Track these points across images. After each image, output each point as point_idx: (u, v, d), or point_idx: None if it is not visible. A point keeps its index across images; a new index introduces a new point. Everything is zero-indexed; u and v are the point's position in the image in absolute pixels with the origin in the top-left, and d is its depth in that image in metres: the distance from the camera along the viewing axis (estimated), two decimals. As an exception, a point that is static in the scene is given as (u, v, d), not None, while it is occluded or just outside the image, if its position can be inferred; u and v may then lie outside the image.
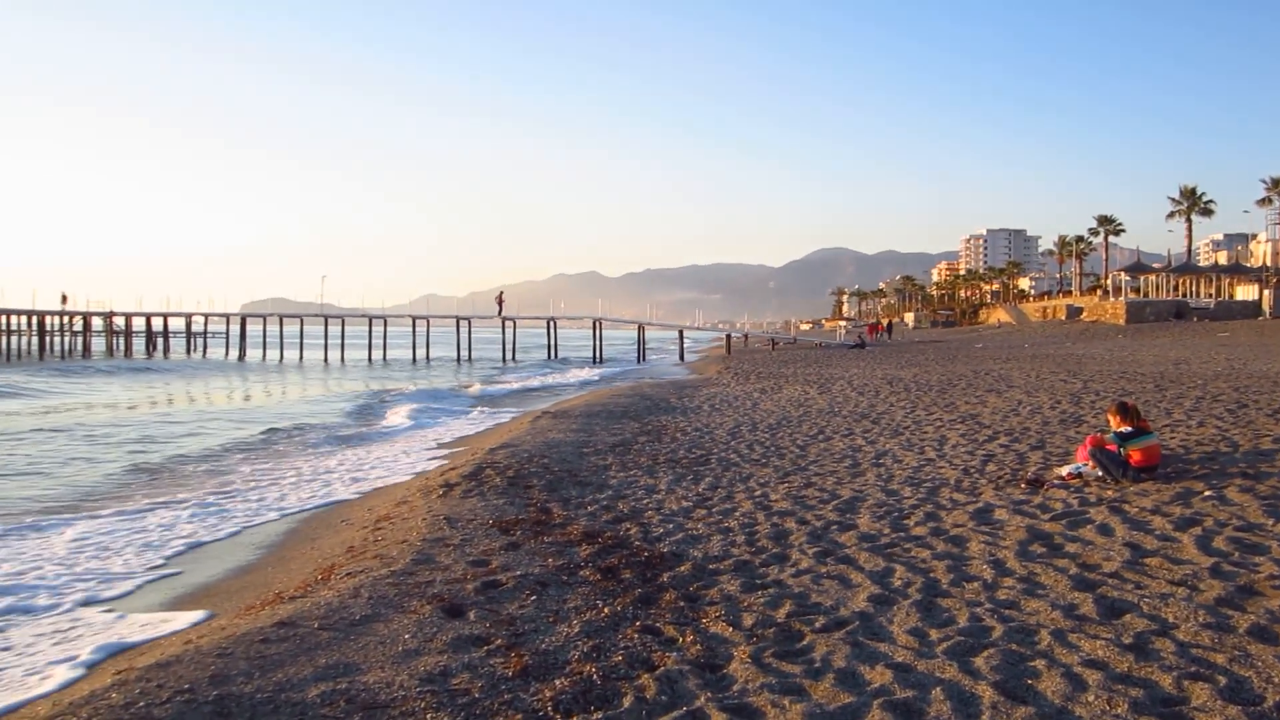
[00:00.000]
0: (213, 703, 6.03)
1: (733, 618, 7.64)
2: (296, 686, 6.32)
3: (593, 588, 8.56)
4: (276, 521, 13.68)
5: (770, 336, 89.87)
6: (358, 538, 11.45)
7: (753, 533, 10.61)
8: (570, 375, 57.25)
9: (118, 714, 5.87)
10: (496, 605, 8.08)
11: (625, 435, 19.79)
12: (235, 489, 16.50)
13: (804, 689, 6.18)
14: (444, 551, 9.96)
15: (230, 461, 20.42)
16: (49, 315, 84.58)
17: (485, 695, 6.13)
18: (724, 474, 14.63)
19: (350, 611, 7.93)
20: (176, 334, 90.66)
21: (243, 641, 7.27)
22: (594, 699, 6.09)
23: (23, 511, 14.72)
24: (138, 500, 15.64)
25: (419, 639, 7.24)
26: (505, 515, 11.73)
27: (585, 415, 24.04)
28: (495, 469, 15.21)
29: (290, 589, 9.20)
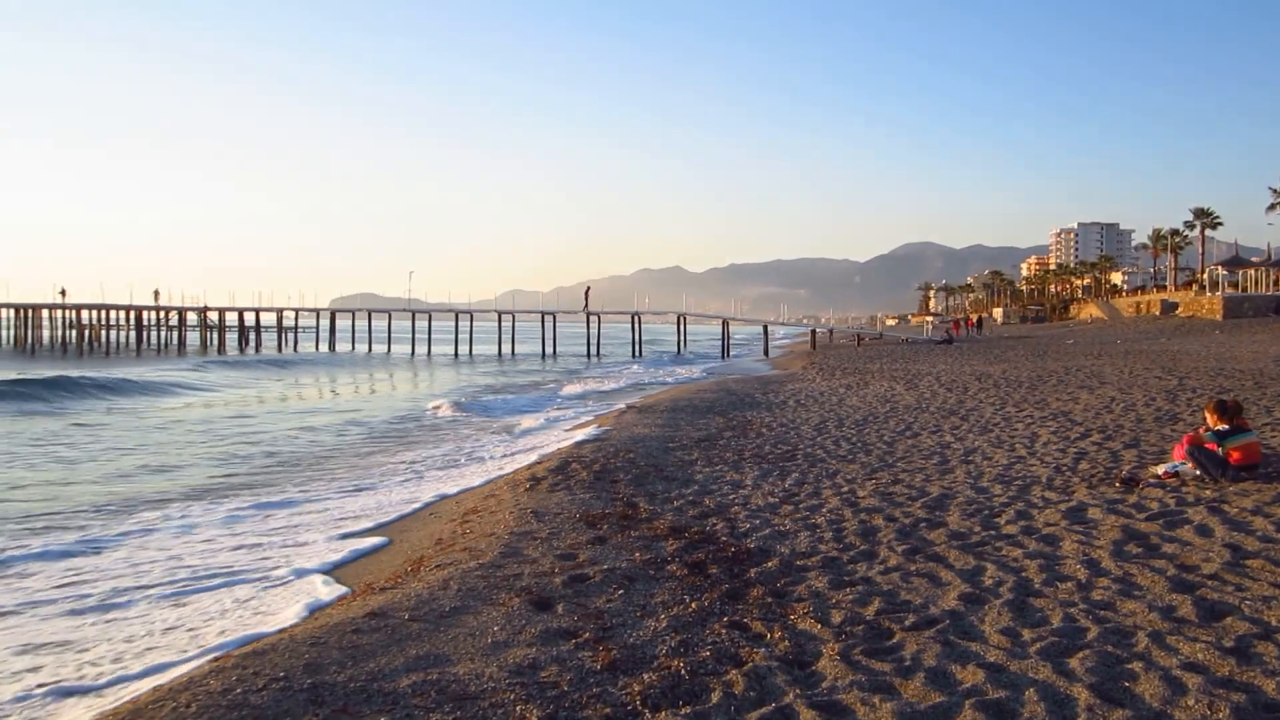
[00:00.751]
0: (307, 691, 6.13)
1: (821, 614, 7.59)
2: (388, 676, 6.41)
3: (679, 583, 8.56)
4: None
5: (855, 332, 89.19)
6: (446, 530, 11.57)
7: (840, 529, 10.53)
8: (654, 370, 57.31)
9: (215, 700, 6.00)
10: (584, 599, 8.11)
11: (710, 430, 19.76)
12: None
13: (894, 687, 6.12)
14: (531, 545, 10.03)
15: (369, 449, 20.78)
16: (146, 310, 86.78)
17: (574, 688, 6.16)
18: (810, 470, 14.55)
19: (440, 603, 8.02)
20: (268, 328, 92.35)
21: (335, 631, 7.38)
22: (682, 694, 6.09)
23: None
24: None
25: (508, 631, 7.30)
26: (592, 509, 11.78)
27: (670, 410, 24.05)
28: (581, 463, 15.28)
29: (380, 580, 9.33)
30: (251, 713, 5.79)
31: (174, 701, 6.05)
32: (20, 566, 11.11)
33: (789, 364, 52.38)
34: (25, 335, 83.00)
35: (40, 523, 13.49)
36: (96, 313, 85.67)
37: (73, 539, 12.41)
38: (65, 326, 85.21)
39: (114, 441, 23.54)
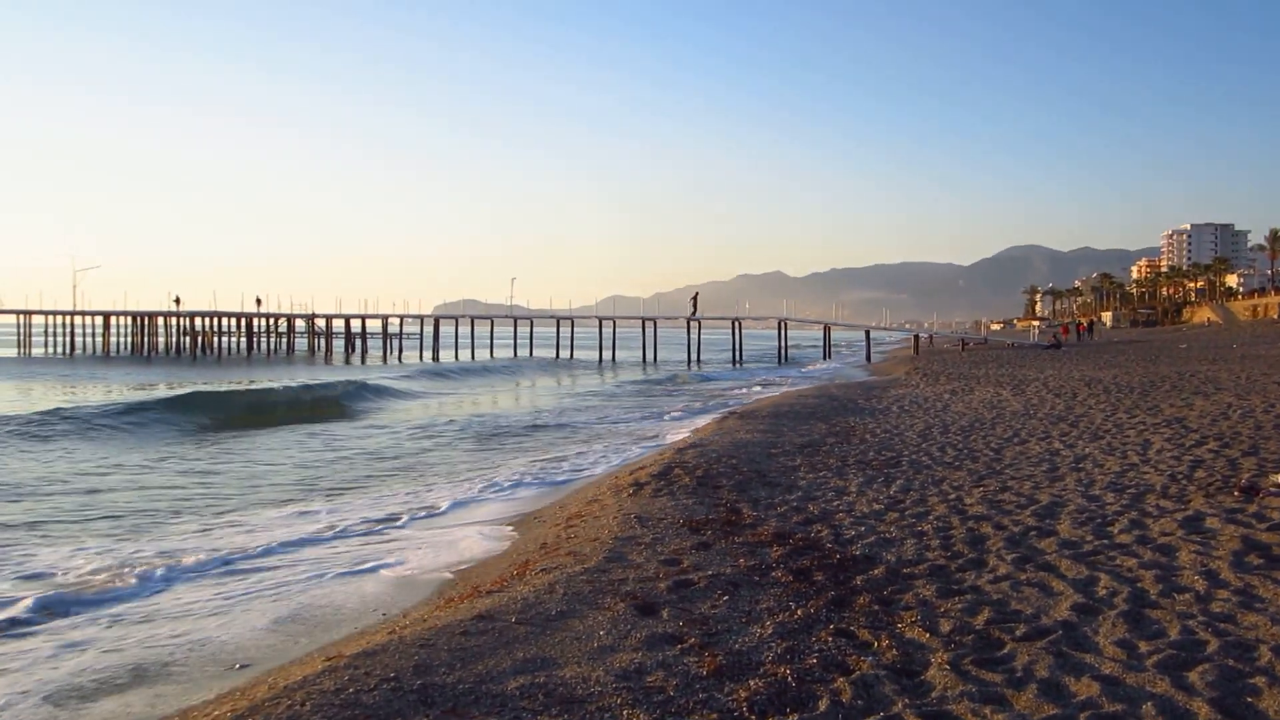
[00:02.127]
0: (417, 692, 6.22)
1: (929, 623, 7.49)
2: (496, 679, 6.48)
3: (785, 589, 8.51)
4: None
5: (960, 337, 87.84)
6: (550, 534, 11.67)
7: (947, 537, 10.39)
8: (756, 375, 57.13)
9: (329, 699, 6.12)
10: (689, 604, 8.11)
11: (813, 436, 19.63)
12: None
13: (1005, 699, 6.02)
14: (635, 550, 10.06)
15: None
16: (256, 318, 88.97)
17: (680, 694, 6.17)
18: (915, 476, 14.37)
19: (546, 607, 8.08)
20: (373, 335, 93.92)
21: (444, 633, 7.48)
22: (789, 701, 6.06)
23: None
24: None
25: (614, 636, 7.33)
26: (695, 515, 11.78)
27: (772, 416, 23.95)
28: (684, 469, 15.29)
29: (487, 583, 9.43)
30: (364, 712, 5.90)
31: (289, 699, 6.19)
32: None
33: (891, 369, 51.81)
34: (142, 342, 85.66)
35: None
36: (208, 320, 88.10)
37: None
38: (179, 333, 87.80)
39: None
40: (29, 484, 17.72)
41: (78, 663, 8.22)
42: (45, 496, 16.44)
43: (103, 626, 9.26)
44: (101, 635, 8.99)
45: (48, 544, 12.66)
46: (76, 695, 7.51)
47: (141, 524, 14.00)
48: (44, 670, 8.07)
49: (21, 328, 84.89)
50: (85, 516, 14.57)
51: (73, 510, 15.12)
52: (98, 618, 9.53)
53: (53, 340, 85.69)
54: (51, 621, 9.42)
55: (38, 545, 12.59)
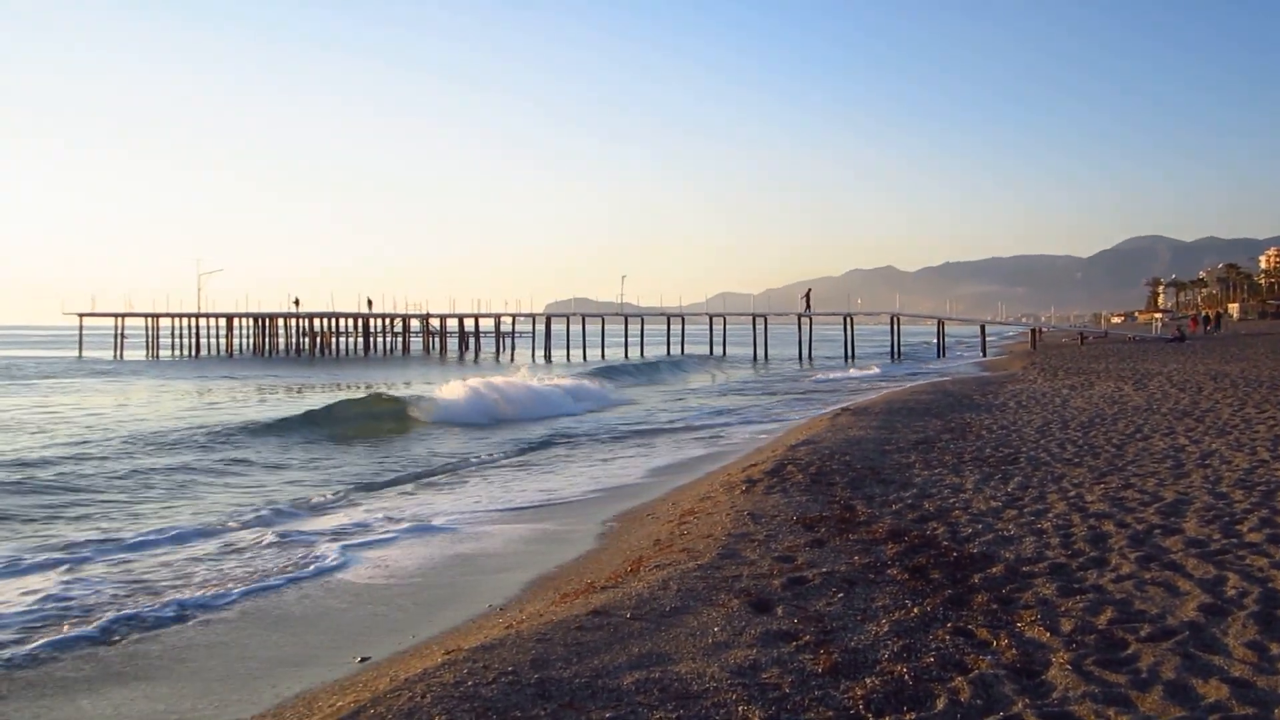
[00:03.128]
0: (534, 685, 6.31)
1: (1050, 622, 7.36)
2: (612, 673, 6.53)
3: (900, 587, 8.44)
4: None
5: (1079, 330, 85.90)
6: (664, 531, 11.71)
7: (1068, 535, 10.19)
8: (868, 371, 56.59)
9: (449, 692, 6.23)
10: (803, 601, 8.09)
11: (928, 433, 19.38)
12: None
13: (1130, 700, 5.89)
14: (749, 547, 10.05)
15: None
16: (373, 318, 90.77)
17: (796, 691, 6.16)
18: (1034, 473, 14.10)
19: (660, 603, 8.13)
20: (486, 334, 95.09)
21: (560, 628, 7.57)
22: (906, 700, 6.01)
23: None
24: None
25: (728, 632, 7.34)
26: (809, 512, 11.72)
27: (885, 412, 23.69)
28: (797, 465, 15.21)
29: (601, 579, 9.51)
30: (483, 704, 6.00)
31: (410, 691, 6.32)
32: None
33: (1008, 365, 50.85)
34: (263, 342, 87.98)
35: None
36: (327, 321, 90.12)
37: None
38: (299, 334, 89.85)
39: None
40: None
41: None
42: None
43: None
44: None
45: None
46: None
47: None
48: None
49: (150, 330, 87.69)
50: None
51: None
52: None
53: (179, 342, 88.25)
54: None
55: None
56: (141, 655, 8.70)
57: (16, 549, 12.69)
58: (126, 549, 12.69)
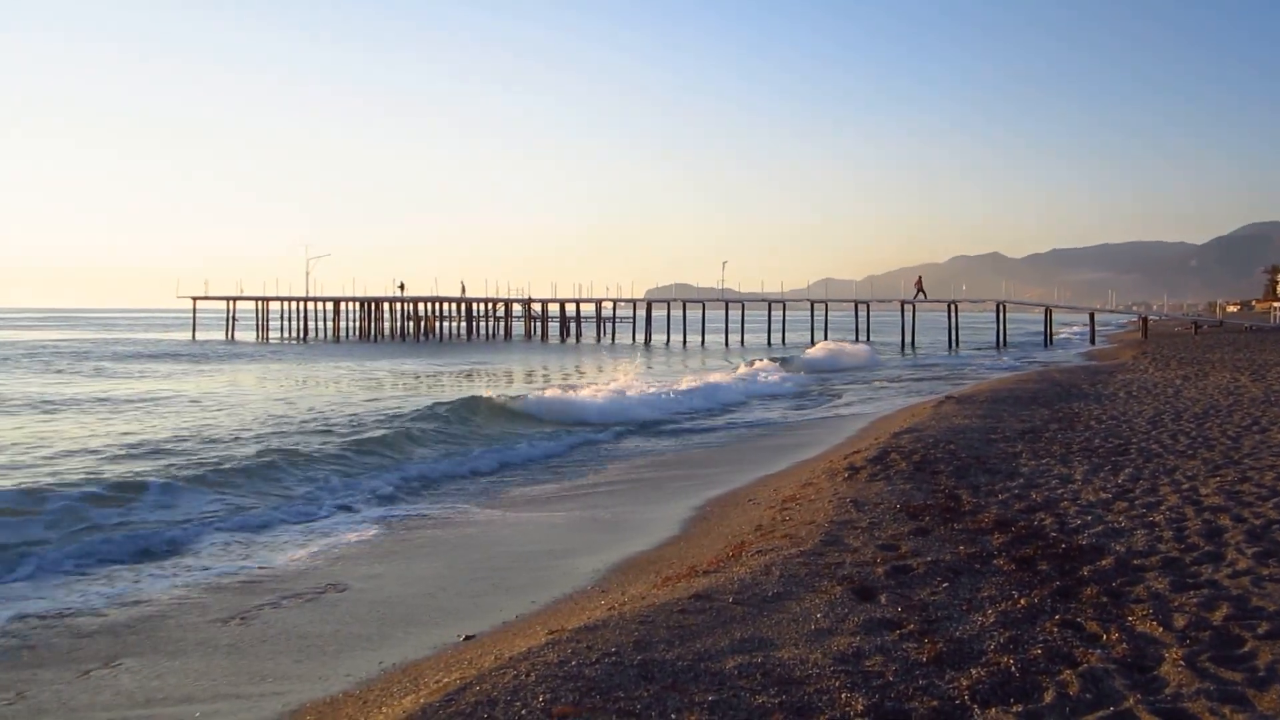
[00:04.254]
0: (637, 667, 6.35)
1: (1162, 617, 7.20)
2: (714, 657, 6.55)
3: (1007, 578, 8.32)
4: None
5: (1192, 319, 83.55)
6: (765, 517, 11.68)
7: (1181, 528, 9.94)
8: (973, 359, 55.74)
9: (553, 671, 6.30)
10: (907, 590, 8.02)
11: (1034, 422, 19.03)
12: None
13: (1247, 698, 5.74)
14: (852, 534, 9.99)
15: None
16: (476, 302, 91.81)
17: (899, 679, 6.11)
18: (1145, 465, 13.78)
19: (763, 588, 8.11)
20: (587, 319, 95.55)
21: (663, 611, 7.60)
22: (1013, 691, 5.93)
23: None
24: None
25: (831, 619, 7.31)
26: (912, 500, 11.60)
27: (991, 401, 23.32)
28: (900, 453, 15.06)
29: (703, 564, 9.52)
30: (586, 684, 6.05)
31: (514, 669, 6.40)
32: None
33: (1118, 354, 49.73)
34: (369, 326, 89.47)
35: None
36: (431, 305, 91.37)
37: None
38: (403, 318, 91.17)
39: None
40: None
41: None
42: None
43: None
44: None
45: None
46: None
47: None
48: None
49: (260, 313, 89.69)
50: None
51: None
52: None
53: (287, 325, 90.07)
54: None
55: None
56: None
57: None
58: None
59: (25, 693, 7.56)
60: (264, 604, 9.81)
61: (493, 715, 5.68)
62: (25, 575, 10.99)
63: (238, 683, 7.70)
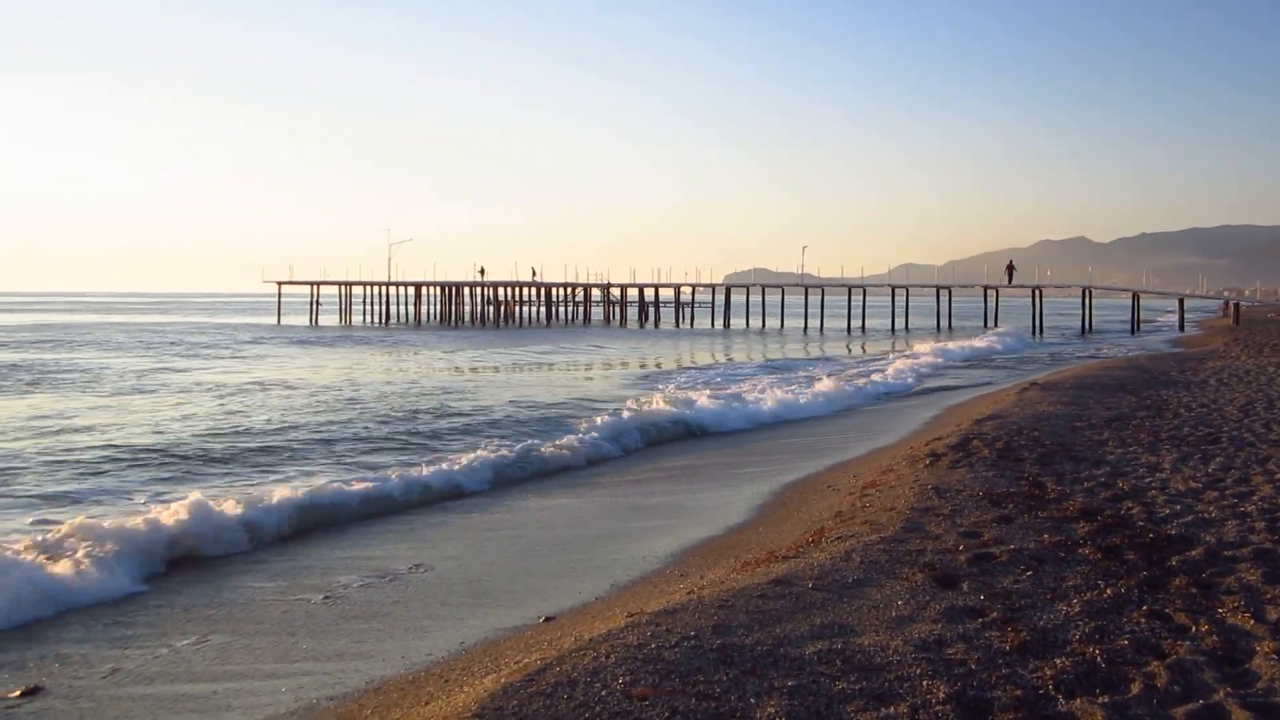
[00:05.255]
0: (716, 651, 6.35)
1: (1254, 609, 7.04)
2: (794, 642, 6.53)
3: (1093, 567, 8.18)
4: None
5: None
6: (845, 503, 11.61)
7: (1274, 519, 9.69)
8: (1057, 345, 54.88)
9: (632, 653, 6.33)
10: (990, 578, 7.92)
11: (1121, 410, 18.68)
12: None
13: (1344, 694, 5.59)
14: (933, 521, 9.89)
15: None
16: (555, 287, 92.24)
17: (982, 668, 6.04)
18: (1237, 454, 13.47)
19: (842, 574, 8.07)
20: (666, 304, 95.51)
21: (742, 595, 7.59)
22: (1098, 682, 5.84)
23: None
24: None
25: (911, 606, 7.25)
26: (995, 488, 11.45)
27: (1076, 388, 22.92)
28: (983, 440, 14.86)
29: (782, 549, 9.49)
30: (665, 667, 6.07)
31: (594, 651, 6.44)
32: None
33: (1208, 340, 48.64)
34: (450, 311, 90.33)
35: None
36: (511, 290, 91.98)
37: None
38: (484, 303, 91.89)
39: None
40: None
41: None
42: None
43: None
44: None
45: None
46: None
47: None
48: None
49: (343, 298, 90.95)
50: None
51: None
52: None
53: (369, 310, 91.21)
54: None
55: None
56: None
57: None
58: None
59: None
60: (352, 582, 10.02)
61: (573, 696, 5.72)
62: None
63: (322, 658, 7.86)
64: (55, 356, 46.36)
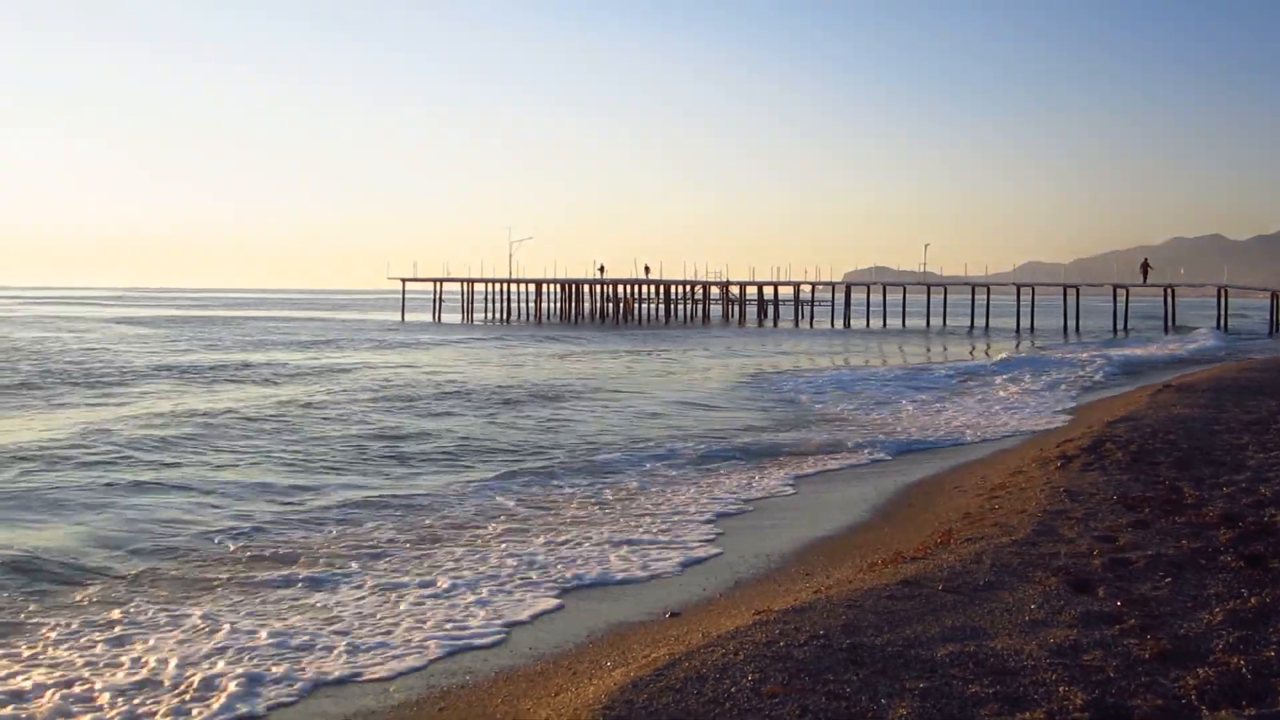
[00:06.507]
0: (846, 651, 6.31)
1: None
2: (924, 644, 6.45)
3: (1235, 575, 7.91)
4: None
5: None
6: (973, 505, 11.44)
7: None
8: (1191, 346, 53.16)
9: (761, 651, 6.33)
10: (1127, 584, 7.72)
11: (1261, 413, 18.02)
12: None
13: None
14: (1066, 525, 9.67)
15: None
16: (674, 285, 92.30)
17: (1120, 675, 5.89)
18: (1388, 461, 12.91)
19: (973, 577, 7.95)
20: (785, 302, 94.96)
21: (870, 596, 7.53)
22: (1244, 693, 5.64)
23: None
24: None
25: (1045, 610, 7.11)
26: (1130, 491, 11.15)
27: (1213, 390, 22.19)
28: (1115, 443, 14.48)
29: (909, 550, 9.38)
30: (794, 665, 6.06)
31: (722, 648, 6.46)
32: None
33: (1354, 342, 46.62)
34: (569, 308, 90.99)
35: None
36: (630, 288, 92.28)
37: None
38: (603, 300, 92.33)
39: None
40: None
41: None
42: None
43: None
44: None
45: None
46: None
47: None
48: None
49: (465, 295, 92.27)
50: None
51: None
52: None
53: (491, 307, 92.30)
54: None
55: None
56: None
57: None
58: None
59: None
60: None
61: (702, 691, 5.74)
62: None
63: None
64: (286, 356, 43.80)
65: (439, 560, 10.63)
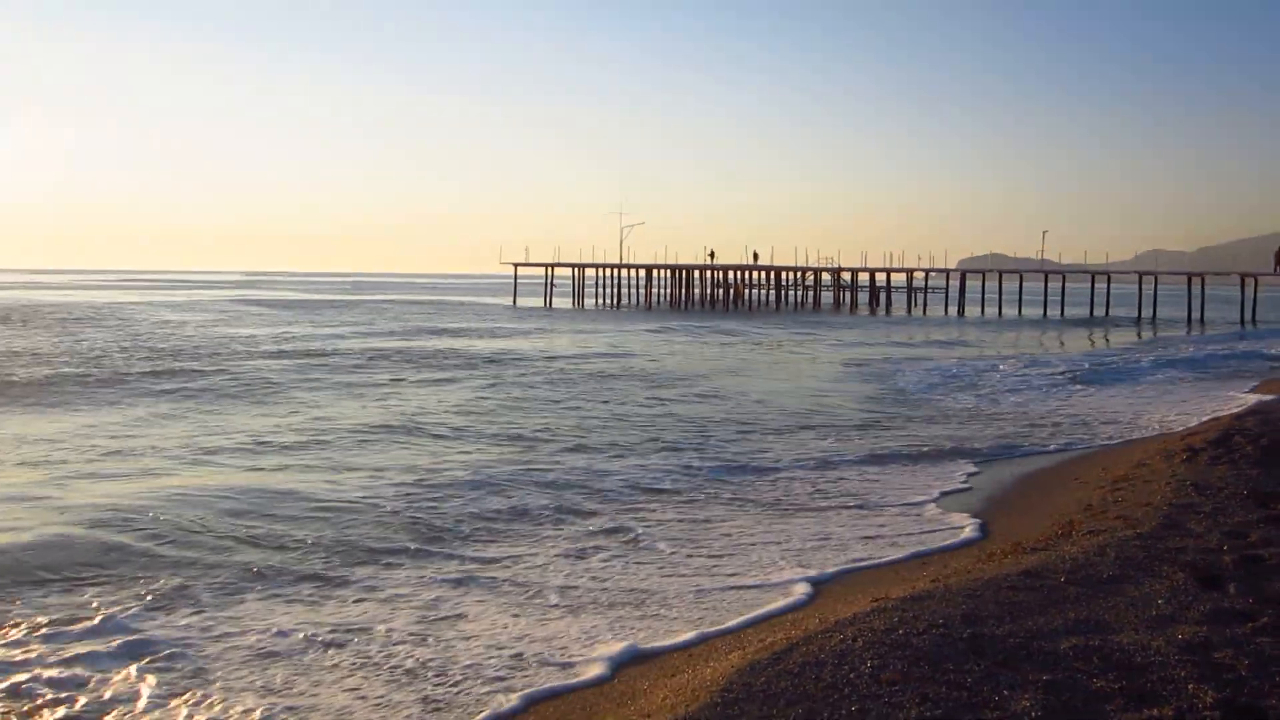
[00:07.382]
0: (966, 640, 6.23)
1: None
2: (1047, 636, 6.34)
3: (1378, 575, 7.63)
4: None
5: None
6: (1094, 496, 11.19)
7: None
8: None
9: (879, 638, 6.28)
10: (1259, 581, 7.48)
11: (1402, 408, 17.32)
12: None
13: None
14: (1193, 519, 9.41)
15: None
16: (785, 271, 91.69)
17: (1254, 674, 5.71)
18: None
19: (1097, 569, 7.78)
20: (898, 289, 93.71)
21: (990, 586, 7.42)
22: (1387, 697, 5.44)
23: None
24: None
25: (1173, 606, 6.92)
26: (1262, 486, 10.79)
27: (1348, 384, 21.38)
28: (1245, 436, 14.01)
29: (1029, 540, 9.22)
30: (914, 653, 6.00)
31: (840, 634, 6.42)
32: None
33: None
34: (680, 294, 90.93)
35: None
36: (741, 273, 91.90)
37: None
38: (713, 285, 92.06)
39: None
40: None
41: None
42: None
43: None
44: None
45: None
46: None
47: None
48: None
49: (576, 280, 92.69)
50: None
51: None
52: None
53: (601, 291, 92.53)
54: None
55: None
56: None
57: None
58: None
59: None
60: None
61: (820, 677, 5.72)
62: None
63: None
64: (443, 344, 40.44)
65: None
